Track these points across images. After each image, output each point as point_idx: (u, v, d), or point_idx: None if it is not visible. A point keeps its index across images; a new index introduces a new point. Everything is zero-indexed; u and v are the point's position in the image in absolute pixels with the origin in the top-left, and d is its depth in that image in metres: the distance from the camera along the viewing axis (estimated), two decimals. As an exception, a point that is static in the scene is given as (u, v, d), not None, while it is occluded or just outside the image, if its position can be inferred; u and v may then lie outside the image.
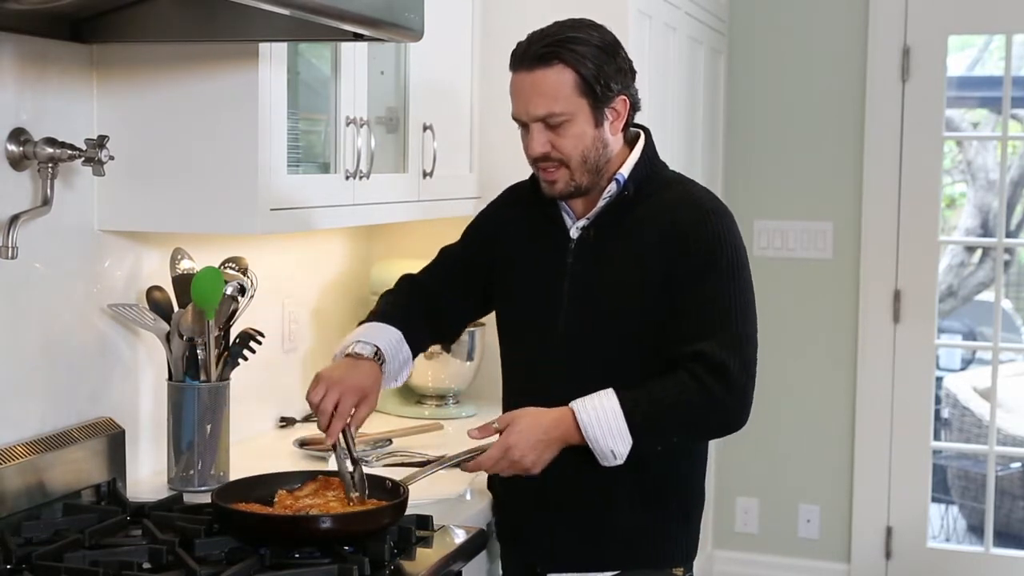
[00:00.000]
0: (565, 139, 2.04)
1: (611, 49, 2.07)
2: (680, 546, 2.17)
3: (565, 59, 2.02)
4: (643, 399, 1.99)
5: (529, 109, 2.04)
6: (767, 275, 4.47)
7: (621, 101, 2.08)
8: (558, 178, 2.08)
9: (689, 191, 2.14)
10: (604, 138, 2.07)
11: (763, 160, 4.50)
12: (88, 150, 1.97)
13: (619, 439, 1.98)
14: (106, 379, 2.24)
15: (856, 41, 4.36)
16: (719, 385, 1.99)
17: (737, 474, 4.58)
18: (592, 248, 2.11)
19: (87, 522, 1.95)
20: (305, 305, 2.96)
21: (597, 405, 1.99)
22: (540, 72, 2.02)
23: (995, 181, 5.45)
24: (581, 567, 2.14)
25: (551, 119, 2.03)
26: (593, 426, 1.98)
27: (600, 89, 2.03)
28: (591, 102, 2.04)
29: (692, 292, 2.03)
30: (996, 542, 4.47)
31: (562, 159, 2.06)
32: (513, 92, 2.07)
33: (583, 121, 2.04)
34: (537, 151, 2.06)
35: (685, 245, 2.04)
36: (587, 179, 2.08)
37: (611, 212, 2.11)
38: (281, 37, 2.04)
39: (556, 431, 2.00)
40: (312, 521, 1.89)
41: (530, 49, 2.04)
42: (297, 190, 2.22)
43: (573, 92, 2.02)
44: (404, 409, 3.00)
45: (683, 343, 2.02)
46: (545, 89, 2.02)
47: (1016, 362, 5.40)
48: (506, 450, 2.00)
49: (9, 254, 1.89)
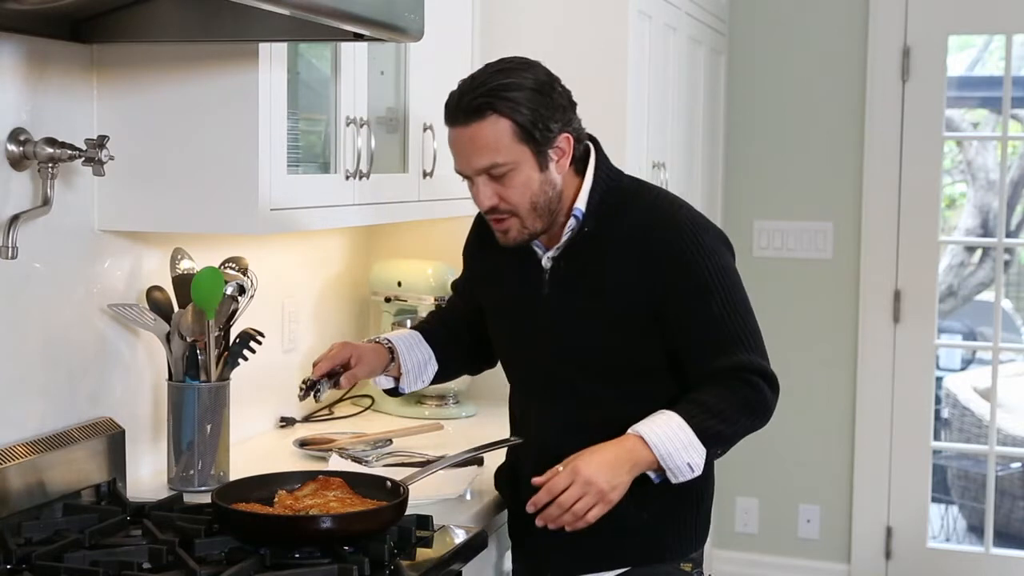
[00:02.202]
0: (511, 189, 2.00)
1: (546, 88, 2.01)
2: (690, 538, 2.17)
3: (499, 109, 1.95)
4: (697, 410, 2.00)
5: (471, 163, 1.99)
6: (767, 275, 4.48)
7: (564, 139, 2.03)
8: (510, 227, 2.04)
9: (657, 206, 2.10)
10: (552, 180, 2.03)
11: (763, 160, 4.50)
12: (88, 150, 1.97)
13: (692, 451, 1.97)
14: (106, 379, 2.24)
15: (856, 41, 4.36)
16: (769, 389, 2.07)
17: (737, 474, 4.58)
18: (566, 277, 2.09)
19: (87, 522, 1.95)
20: (305, 305, 2.96)
21: (660, 423, 1.98)
22: (475, 126, 1.97)
23: (995, 181, 5.45)
24: (591, 567, 2.13)
25: (495, 170, 1.98)
26: (664, 443, 1.97)
27: (539, 133, 1.97)
28: (533, 148, 1.98)
29: (698, 312, 2.03)
30: (996, 542, 4.47)
31: (511, 209, 2.02)
32: (452, 147, 2.03)
33: (528, 168, 1.99)
34: (485, 204, 2.02)
35: (672, 268, 2.03)
36: (540, 223, 2.05)
37: (578, 242, 2.08)
38: (281, 37, 2.04)
39: (625, 453, 1.97)
40: (312, 521, 1.89)
41: (462, 102, 1.98)
42: (297, 190, 2.22)
43: (512, 141, 1.97)
44: (404, 409, 3.00)
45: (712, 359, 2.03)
46: (483, 143, 1.97)
47: (1016, 362, 5.40)
48: (576, 473, 1.95)
49: (9, 254, 1.89)
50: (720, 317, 2.03)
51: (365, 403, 3.05)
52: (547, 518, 1.97)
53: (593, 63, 3.15)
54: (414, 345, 2.29)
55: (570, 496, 1.94)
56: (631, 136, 3.18)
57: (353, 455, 2.49)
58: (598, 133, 2.12)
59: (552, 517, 1.96)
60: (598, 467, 1.94)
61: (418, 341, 2.30)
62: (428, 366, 2.30)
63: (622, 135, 3.15)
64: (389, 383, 2.30)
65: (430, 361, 2.30)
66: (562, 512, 1.95)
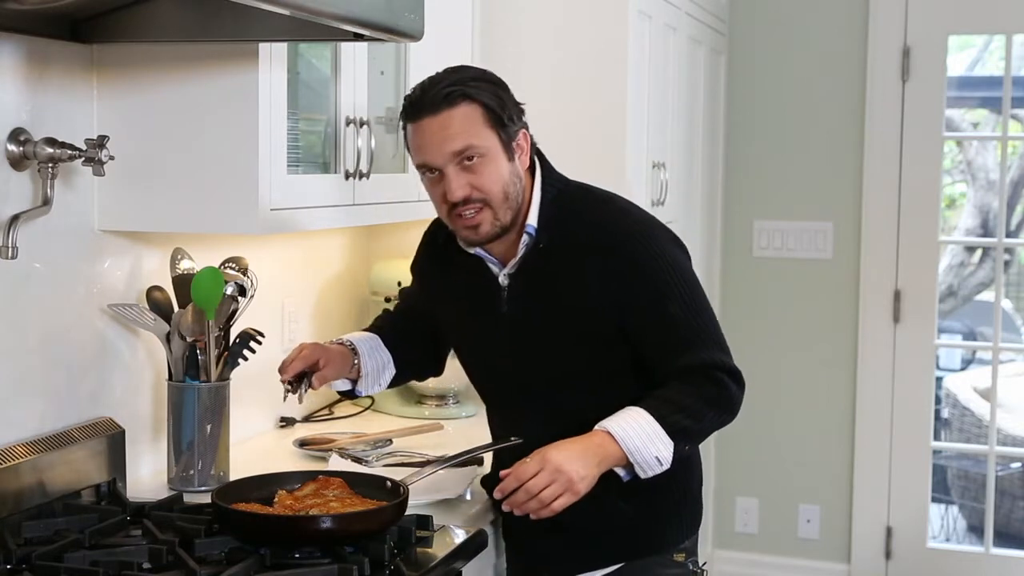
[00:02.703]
0: (484, 176, 1.98)
1: (504, 86, 2.05)
2: (679, 529, 2.18)
3: (470, 95, 1.97)
4: (663, 406, 2.00)
5: (444, 149, 1.97)
6: (767, 275, 4.48)
7: (523, 135, 2.05)
8: (481, 220, 2.01)
9: (606, 213, 2.09)
10: (518, 172, 2.04)
11: (763, 160, 4.50)
12: (88, 150, 1.97)
13: (660, 443, 1.98)
14: (106, 379, 2.24)
15: (856, 41, 4.36)
16: (735, 384, 2.07)
17: (737, 474, 4.58)
18: (524, 295, 2.09)
19: (87, 522, 1.95)
20: (305, 305, 2.96)
21: (627, 418, 1.99)
22: (446, 113, 1.96)
23: (995, 181, 5.45)
24: (585, 566, 2.14)
25: (469, 153, 1.97)
26: (632, 437, 1.97)
27: (507, 120, 2.00)
28: (501, 135, 1.99)
29: (658, 315, 2.03)
30: (996, 542, 4.47)
31: (485, 199, 2.00)
32: (419, 141, 2.00)
33: (498, 156, 1.99)
34: (458, 195, 1.98)
35: (628, 275, 2.03)
36: (509, 216, 2.03)
37: (532, 259, 2.07)
38: (281, 37, 2.04)
39: (594, 447, 1.97)
40: (312, 521, 1.89)
41: (427, 95, 1.98)
42: (297, 190, 2.22)
43: (484, 125, 1.98)
44: (404, 409, 3.00)
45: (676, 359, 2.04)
46: (457, 127, 1.96)
47: (1016, 362, 5.40)
48: (545, 460, 1.95)
49: (9, 254, 1.89)
50: (679, 317, 2.04)
51: (365, 403, 3.05)
52: (513, 503, 1.96)
53: (593, 63, 3.15)
54: (375, 348, 2.28)
55: (538, 482, 1.93)
56: (631, 136, 3.18)
57: (353, 455, 2.50)
58: (598, 133, 2.13)
59: (519, 503, 1.95)
60: (568, 456, 1.95)
61: (378, 344, 2.29)
62: (386, 370, 2.30)
63: (622, 135, 3.15)
64: (346, 385, 2.29)
65: (388, 365, 2.30)
66: (529, 498, 1.94)
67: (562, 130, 3.16)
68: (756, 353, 4.48)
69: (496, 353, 2.16)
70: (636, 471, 2.00)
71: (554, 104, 3.16)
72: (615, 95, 3.14)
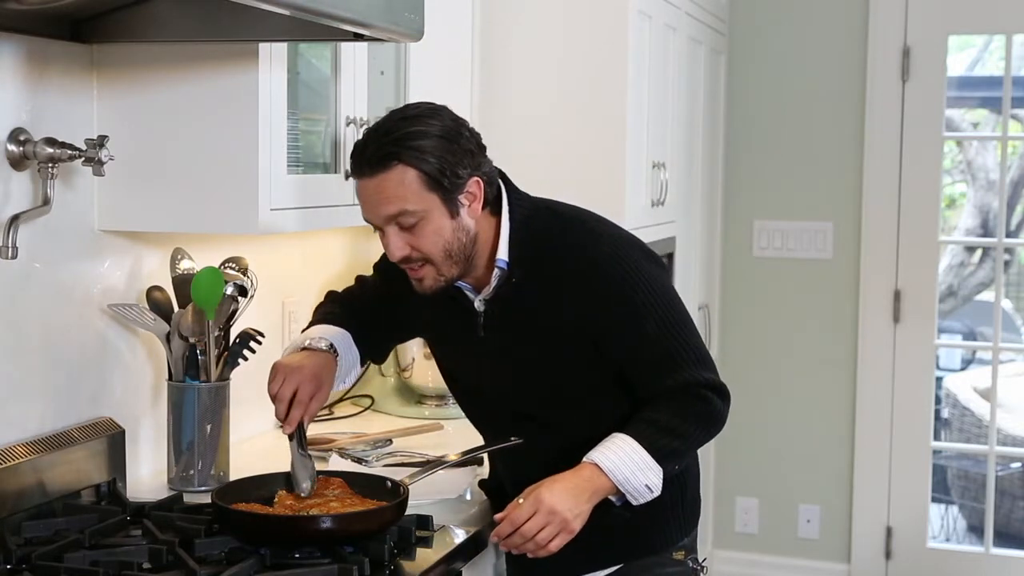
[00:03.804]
0: (423, 238, 1.94)
1: (452, 135, 1.94)
2: (677, 528, 2.18)
3: (404, 159, 1.89)
4: (650, 430, 2.00)
5: (379, 212, 1.93)
6: (767, 275, 4.48)
7: (475, 183, 1.96)
8: (424, 275, 1.98)
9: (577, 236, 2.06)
10: (464, 225, 1.97)
11: (763, 160, 4.50)
12: (88, 150, 1.96)
13: (649, 471, 1.98)
14: (106, 379, 2.24)
15: (856, 41, 4.37)
16: (720, 400, 2.06)
17: (737, 474, 4.58)
18: (500, 322, 2.07)
19: (87, 522, 1.95)
20: (305, 305, 2.95)
21: (614, 448, 1.98)
22: (381, 176, 1.90)
23: (995, 181, 5.45)
24: (584, 568, 2.14)
25: (404, 219, 1.92)
26: (620, 468, 1.97)
27: (448, 180, 1.92)
28: (441, 195, 1.92)
29: (636, 336, 2.02)
30: (996, 542, 4.47)
31: (424, 258, 1.97)
32: (360, 197, 1.96)
33: (438, 216, 1.93)
34: (397, 255, 1.95)
35: (603, 297, 2.01)
36: (456, 269, 2.00)
37: (506, 290, 2.04)
38: (281, 37, 2.04)
39: (584, 482, 1.97)
40: (312, 521, 1.89)
41: (366, 152, 1.92)
42: (297, 190, 2.22)
43: (421, 189, 1.90)
44: (404, 409, 3.00)
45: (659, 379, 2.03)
46: (391, 191, 1.91)
47: (1016, 362, 5.40)
48: (539, 502, 1.95)
49: (9, 254, 1.89)
50: (658, 336, 2.02)
51: (365, 403, 3.05)
52: (510, 545, 1.98)
53: (593, 63, 3.15)
54: (349, 347, 2.21)
55: (533, 526, 1.94)
56: (631, 136, 3.18)
57: (353, 455, 2.50)
58: (598, 133, 2.11)
59: (515, 545, 1.97)
60: (560, 496, 1.94)
61: (351, 343, 2.21)
62: (355, 368, 2.25)
63: (622, 135, 3.15)
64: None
65: (356, 363, 2.24)
66: (525, 541, 1.95)
67: (562, 130, 3.17)
68: (756, 353, 4.48)
69: (476, 375, 2.16)
70: (628, 499, 2.00)
71: (554, 104, 3.16)
72: (615, 95, 3.14)
